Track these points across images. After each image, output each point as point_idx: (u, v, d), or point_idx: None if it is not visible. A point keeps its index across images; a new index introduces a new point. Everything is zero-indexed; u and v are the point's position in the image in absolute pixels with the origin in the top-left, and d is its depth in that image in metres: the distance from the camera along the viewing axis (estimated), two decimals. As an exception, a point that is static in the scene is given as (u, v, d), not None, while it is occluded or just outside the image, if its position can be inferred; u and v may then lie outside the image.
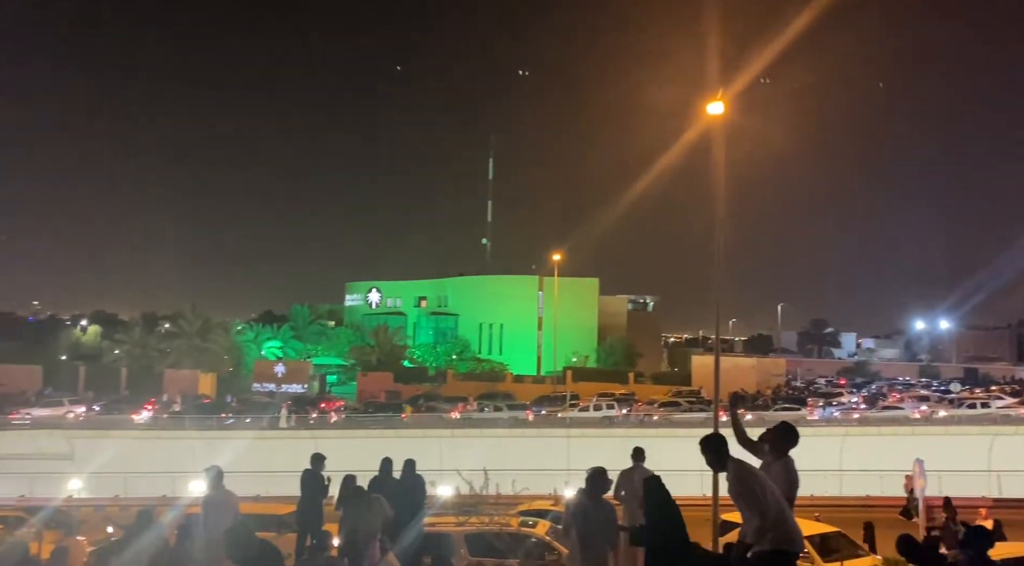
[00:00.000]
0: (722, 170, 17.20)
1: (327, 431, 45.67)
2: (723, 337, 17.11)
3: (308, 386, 65.47)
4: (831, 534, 14.28)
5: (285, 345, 75.96)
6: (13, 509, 22.81)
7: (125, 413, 51.50)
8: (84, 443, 44.93)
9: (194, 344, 68.78)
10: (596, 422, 47.15)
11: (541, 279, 77.67)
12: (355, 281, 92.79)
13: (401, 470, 11.66)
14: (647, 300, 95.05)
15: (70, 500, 27.99)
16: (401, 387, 63.38)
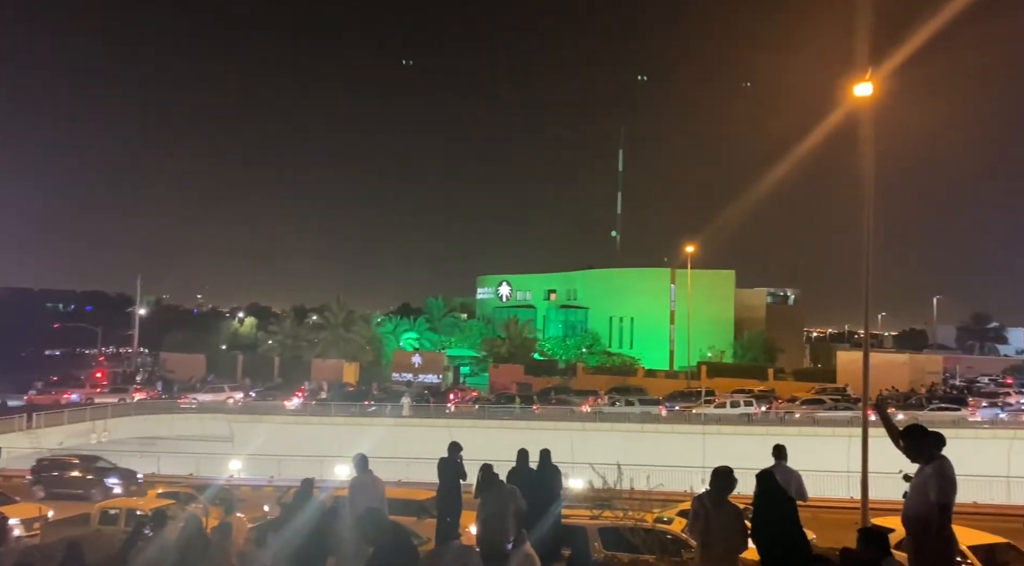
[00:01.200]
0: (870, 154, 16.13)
1: (462, 420, 46.96)
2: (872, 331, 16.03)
3: (443, 376, 67.48)
4: (999, 545, 13.11)
5: (421, 336, 78.68)
6: (183, 486, 24.97)
7: (278, 399, 55.13)
8: (242, 427, 48.57)
9: (339, 335, 72.45)
10: (733, 419, 45.74)
11: (673, 272, 75.96)
12: (486, 275, 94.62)
13: (538, 461, 11.76)
14: (788, 293, 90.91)
15: (231, 480, 30.29)
16: (531, 379, 64.03)
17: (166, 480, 29.46)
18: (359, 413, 49.51)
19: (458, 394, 57.11)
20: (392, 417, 48.28)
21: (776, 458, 10.83)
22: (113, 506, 19.52)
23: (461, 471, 11.64)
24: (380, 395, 55.45)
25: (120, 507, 19.34)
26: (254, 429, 47.53)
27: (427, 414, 48.72)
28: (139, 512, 18.36)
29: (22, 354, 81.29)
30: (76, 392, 57.53)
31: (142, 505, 19.43)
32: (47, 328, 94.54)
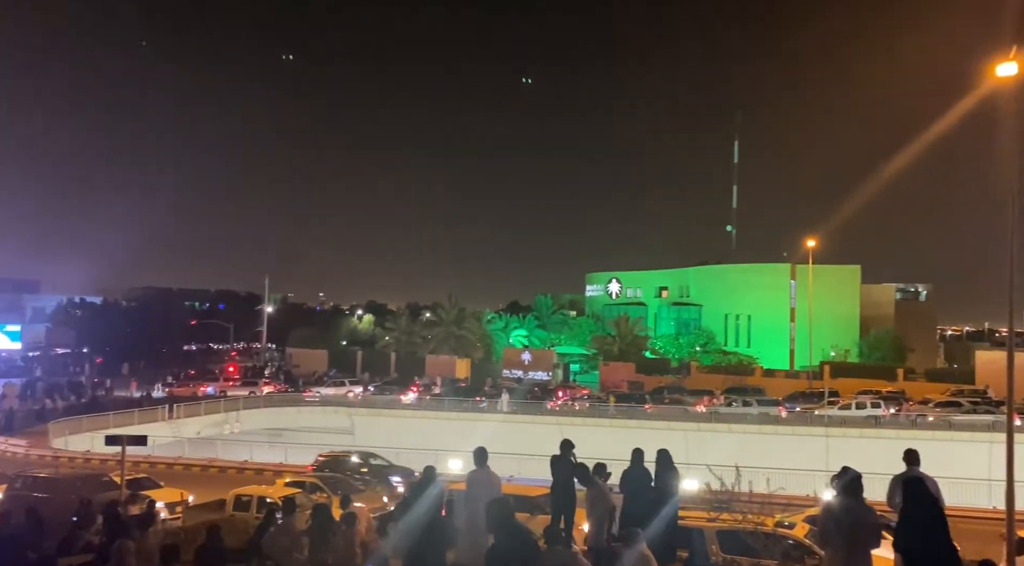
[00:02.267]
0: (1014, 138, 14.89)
1: (572, 418, 46.94)
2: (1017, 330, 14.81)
3: (552, 374, 67.66)
4: None
5: (530, 334, 79.19)
6: (310, 476, 26.19)
7: (394, 394, 56.96)
8: (362, 420, 50.53)
9: (450, 332, 74.03)
10: (859, 421, 43.47)
11: (794, 267, 72.94)
12: (595, 271, 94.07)
13: (655, 461, 11.60)
14: (919, 288, 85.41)
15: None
16: (643, 378, 63.16)
17: (292, 470, 31.01)
18: (471, 409, 50.42)
19: (567, 392, 57.09)
20: (503, 413, 48.89)
21: (908, 463, 10.19)
22: (245, 493, 20.71)
23: (575, 469, 11.62)
24: (492, 391, 56.27)
25: (252, 494, 20.50)
26: (373, 422, 49.37)
27: (538, 411, 48.98)
28: (269, 499, 19.42)
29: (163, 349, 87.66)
30: (211, 385, 61.64)
31: (271, 493, 20.52)
32: (185, 325, 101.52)
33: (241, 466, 33.87)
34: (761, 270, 76.94)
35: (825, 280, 67.29)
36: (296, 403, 54.89)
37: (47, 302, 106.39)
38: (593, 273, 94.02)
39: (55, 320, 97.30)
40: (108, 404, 48.89)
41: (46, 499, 19.68)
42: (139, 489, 22.46)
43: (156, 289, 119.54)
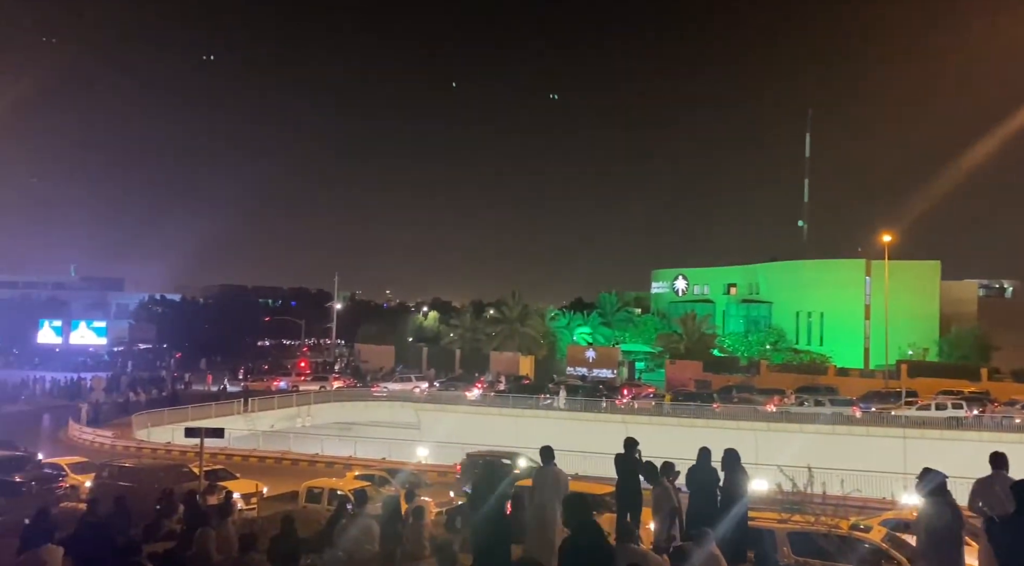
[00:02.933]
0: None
1: (638, 416, 46.51)
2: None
3: (617, 372, 67.13)
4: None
5: (594, 331, 78.70)
6: (378, 469, 26.71)
7: (459, 390, 57.50)
8: (428, 415, 51.16)
9: (514, 329, 74.23)
10: (939, 423, 41.71)
11: (868, 263, 70.43)
12: (661, 268, 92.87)
13: (721, 460, 11.40)
14: (1005, 284, 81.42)
15: (419, 465, 31.99)
16: (711, 376, 62.06)
17: (361, 463, 31.68)
18: (535, 405, 50.46)
19: (632, 390, 56.58)
20: (562, 410, 48.84)
21: (994, 467, 9.73)
22: (317, 486, 21.31)
23: (640, 467, 11.52)
24: (555, 389, 56.22)
25: (323, 487, 21.07)
26: (438, 417, 49.93)
27: (603, 409, 48.71)
28: (339, 492, 19.91)
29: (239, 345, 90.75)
30: (283, 380, 63.45)
31: (342, 485, 21.03)
32: (259, 321, 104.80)
33: (312, 459, 34.79)
34: (835, 266, 74.56)
35: (902, 276, 64.81)
36: (364, 398, 55.95)
37: (130, 300, 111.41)
38: (659, 270, 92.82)
39: (137, 317, 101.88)
40: (187, 398, 50.87)
41: (131, 488, 20.59)
42: (216, 480, 23.34)
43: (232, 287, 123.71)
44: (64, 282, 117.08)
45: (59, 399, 52.43)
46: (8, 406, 48.70)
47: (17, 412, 47.25)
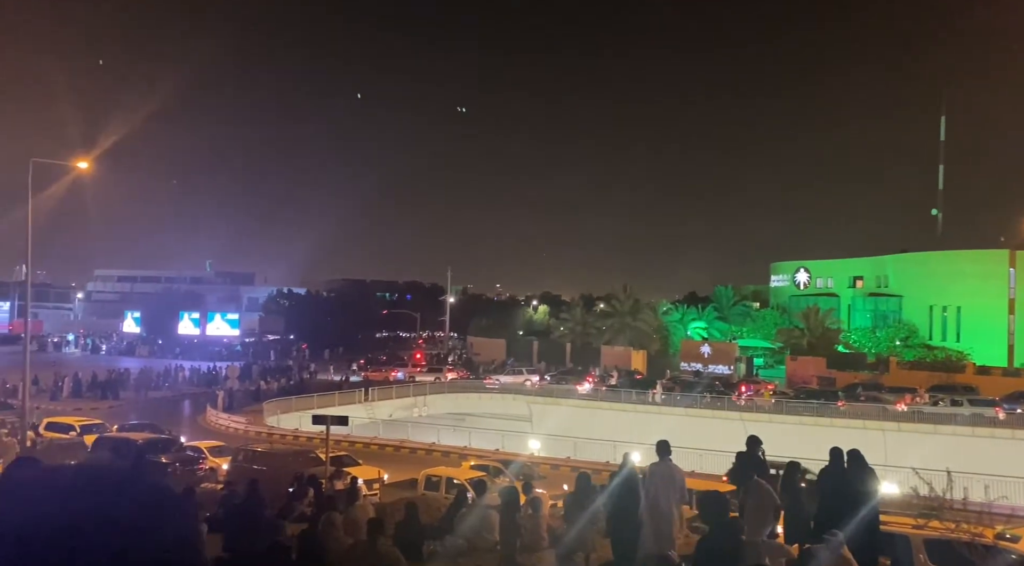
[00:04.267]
0: None
1: (756, 414, 45.09)
2: None
3: (734, 367, 65.23)
4: None
5: (709, 326, 76.76)
6: (492, 459, 27.18)
7: (570, 384, 57.58)
8: (539, 408, 51.52)
9: (625, 323, 73.47)
10: (1096, 427, 38.20)
11: (1012, 254, 65.13)
12: (781, 261, 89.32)
13: (847, 461, 10.91)
14: None
15: (532, 457, 32.29)
16: (835, 373, 59.23)
17: (476, 453, 32.31)
18: (648, 400, 49.85)
19: (750, 386, 54.86)
20: (682, 406, 47.95)
21: None
22: (435, 474, 21.93)
23: (763, 467, 11.19)
24: (669, 383, 55.31)
25: (441, 475, 21.66)
26: (550, 411, 50.20)
27: (719, 405, 47.55)
28: (456, 481, 20.41)
29: (358, 336, 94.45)
30: (400, 371, 65.60)
31: (458, 474, 21.55)
32: (377, 314, 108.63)
33: (429, 448, 35.78)
34: (974, 257, 69.29)
35: (1052, 267, 59.61)
36: (477, 389, 57.01)
37: (260, 293, 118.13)
38: (778, 262, 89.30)
39: (266, 309, 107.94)
40: (312, 387, 53.49)
41: (263, 471, 21.89)
42: (341, 466, 24.40)
43: (351, 281, 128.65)
44: (201, 277, 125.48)
45: (197, 387, 56.30)
46: (153, 393, 52.79)
47: (161, 398, 51.12)
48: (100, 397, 49.09)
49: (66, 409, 40.64)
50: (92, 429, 30.43)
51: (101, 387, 50.86)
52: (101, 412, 40.81)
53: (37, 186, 27.76)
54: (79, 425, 31.28)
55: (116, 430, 30.51)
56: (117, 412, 42.22)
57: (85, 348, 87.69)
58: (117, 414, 40.68)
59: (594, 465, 27.80)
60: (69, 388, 49.73)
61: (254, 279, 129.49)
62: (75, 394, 49.35)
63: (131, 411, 42.56)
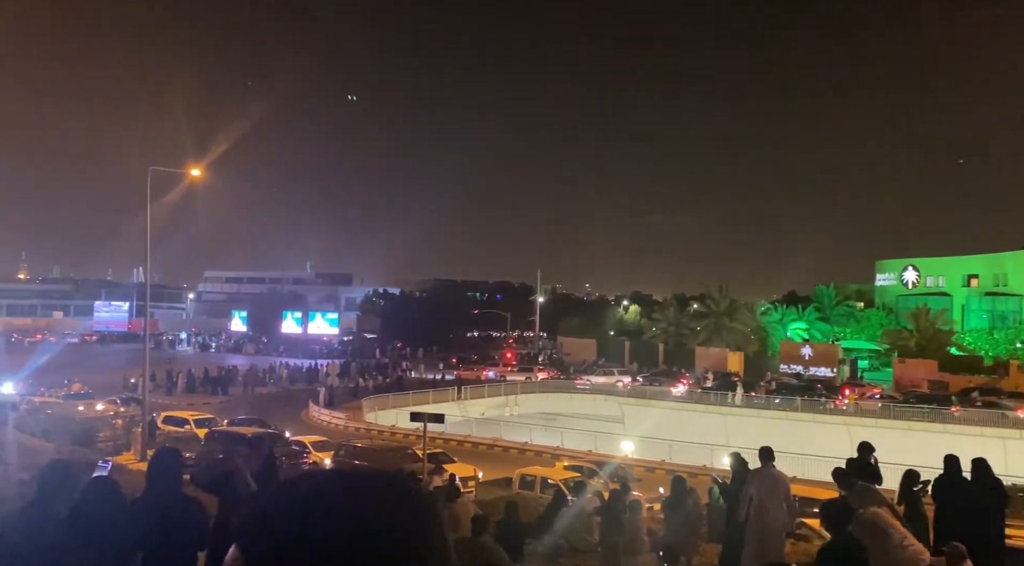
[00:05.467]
0: None
1: (861, 418, 43.14)
2: None
3: (836, 370, 62.60)
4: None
5: (810, 327, 73.92)
6: (586, 460, 27.11)
7: (663, 385, 56.66)
8: (631, 409, 50.91)
9: (721, 323, 71.66)
10: None
11: None
12: (886, 259, 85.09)
13: (970, 470, 10.31)
14: None
15: (625, 459, 31.97)
16: (948, 377, 55.91)
17: (569, 454, 32.28)
18: (744, 404, 48.54)
19: (854, 390, 52.56)
20: (781, 410, 46.44)
21: None
22: (530, 473, 22.04)
23: (876, 475, 10.71)
24: (766, 386, 53.65)
25: (535, 475, 21.75)
26: (642, 412, 49.51)
27: (821, 409, 45.80)
28: (550, 481, 20.45)
29: (451, 336, 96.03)
30: (491, 370, 66.26)
31: (553, 474, 21.59)
32: (468, 314, 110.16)
33: (522, 447, 36.00)
34: (1104, 253, 64.15)
35: None
36: (568, 390, 56.90)
37: (357, 293, 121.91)
38: (884, 260, 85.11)
39: (363, 309, 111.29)
40: (407, 384, 54.76)
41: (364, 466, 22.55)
42: (437, 463, 24.89)
43: (443, 281, 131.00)
44: (303, 278, 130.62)
45: (300, 383, 58.60)
46: (259, 389, 55.29)
47: (267, 394, 53.48)
48: (211, 393, 51.83)
49: (180, 404, 43.08)
50: (204, 423, 32.14)
51: (212, 383, 53.69)
52: (212, 407, 43.09)
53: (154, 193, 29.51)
54: (192, 419, 33.12)
55: (226, 424, 32.11)
56: (227, 407, 44.46)
57: (196, 346, 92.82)
58: (227, 409, 42.83)
59: (690, 468, 27.32)
60: (183, 384, 52.71)
61: (351, 280, 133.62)
62: (188, 389, 52.25)
63: (240, 406, 44.70)
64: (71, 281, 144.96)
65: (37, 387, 42.60)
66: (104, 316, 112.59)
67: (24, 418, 29.12)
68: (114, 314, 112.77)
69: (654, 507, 19.10)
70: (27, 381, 43.74)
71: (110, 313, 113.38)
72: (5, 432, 23.71)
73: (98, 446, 27.24)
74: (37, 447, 22.36)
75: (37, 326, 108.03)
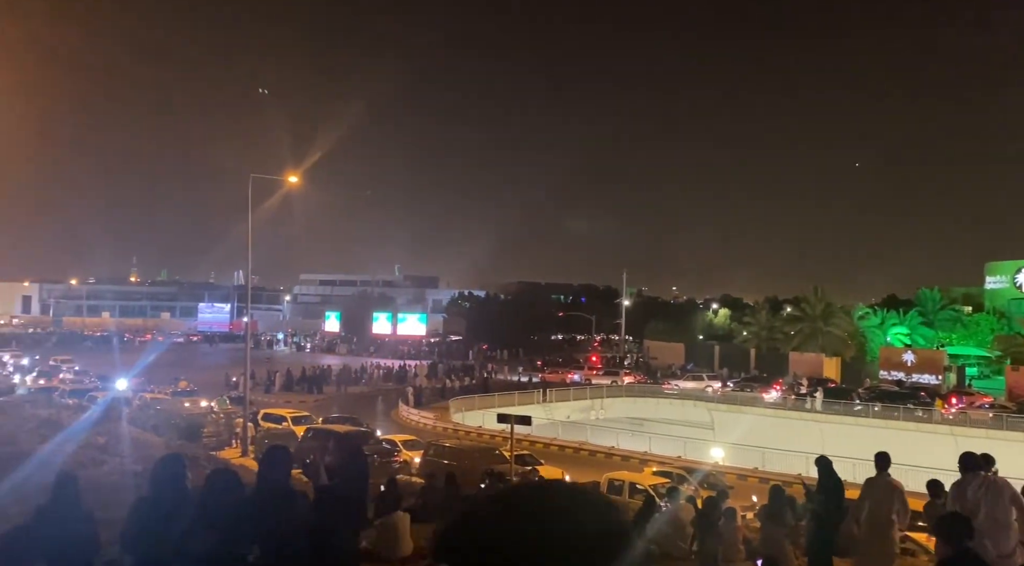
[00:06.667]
0: None
1: (971, 428, 40.76)
2: None
3: (942, 377, 59.33)
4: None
5: (912, 332, 70.28)
6: (675, 466, 26.62)
7: (755, 391, 55.07)
8: (722, 415, 49.71)
9: (816, 328, 69.12)
10: None
11: None
12: (997, 261, 79.98)
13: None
14: None
15: (716, 466, 31.21)
16: (1068, 386, 52.22)
17: (657, 459, 31.79)
18: (843, 411, 46.60)
19: (962, 398, 49.70)
20: (878, 418, 44.40)
21: None
22: (617, 478, 21.82)
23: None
24: (867, 393, 51.36)
25: (623, 479, 21.52)
26: (733, 419, 48.23)
27: (927, 419, 43.55)
28: (639, 486, 20.18)
29: (535, 338, 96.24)
30: (576, 373, 66.01)
31: (641, 480, 21.31)
32: (552, 316, 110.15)
33: (609, 451, 35.69)
34: None
35: None
36: (655, 394, 56.08)
37: (443, 295, 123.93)
38: (995, 262, 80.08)
39: (449, 311, 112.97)
40: (492, 386, 55.23)
41: (452, 466, 22.87)
42: (524, 465, 24.99)
43: (527, 283, 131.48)
44: (391, 280, 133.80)
45: (389, 383, 60.00)
46: (352, 388, 56.94)
47: (359, 393, 55.02)
48: (307, 391, 53.71)
49: (278, 401, 44.81)
50: (300, 420, 33.30)
51: (307, 382, 55.64)
52: (308, 405, 44.65)
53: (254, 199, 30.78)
54: (289, 416, 34.36)
55: (321, 422, 33.20)
56: (321, 405, 45.99)
57: (292, 346, 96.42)
58: (321, 407, 44.30)
59: (784, 477, 26.43)
60: (281, 382, 54.83)
61: (438, 282, 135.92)
62: (286, 388, 54.31)
63: (333, 404, 46.15)
64: (177, 283, 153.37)
65: (147, 384, 45.16)
66: (207, 317, 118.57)
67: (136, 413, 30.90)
68: (216, 315, 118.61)
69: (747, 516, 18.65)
70: (138, 378, 46.46)
71: (213, 314, 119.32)
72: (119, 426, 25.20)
73: (203, 441, 28.61)
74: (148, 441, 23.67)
75: (146, 326, 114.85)
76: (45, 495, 5.84)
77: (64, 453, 19.35)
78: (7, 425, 20.63)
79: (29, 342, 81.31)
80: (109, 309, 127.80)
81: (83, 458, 18.59)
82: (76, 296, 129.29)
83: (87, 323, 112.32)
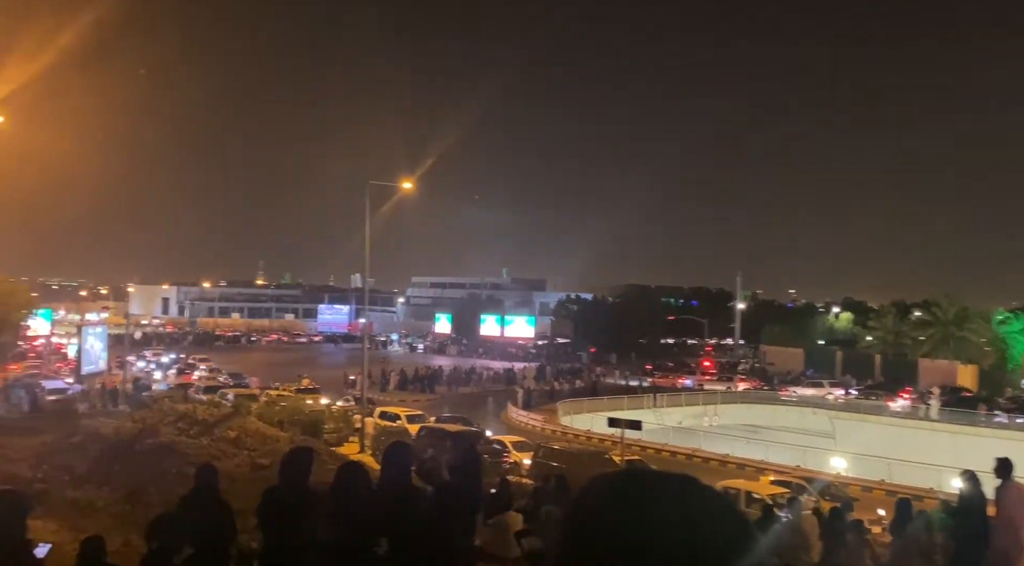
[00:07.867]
0: None
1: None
2: None
3: (1097, 387, 54.19)
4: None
5: (1061, 337, 64.52)
6: (793, 476, 25.57)
7: (880, 399, 52.13)
8: (844, 424, 47.32)
9: (948, 333, 64.70)
10: None
11: None
12: None
13: None
14: None
15: (838, 476, 29.75)
16: None
17: (774, 468, 30.63)
18: (977, 422, 43.36)
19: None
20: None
21: None
22: (733, 486, 21.19)
23: None
24: (1008, 404, 47.58)
25: (739, 488, 20.88)
26: (856, 428, 45.83)
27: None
28: (756, 495, 19.51)
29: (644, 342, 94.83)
30: (688, 378, 64.55)
31: (757, 489, 20.61)
32: (663, 320, 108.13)
33: (723, 459, 34.68)
34: None
35: None
36: (772, 401, 54.14)
37: (550, 298, 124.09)
38: None
39: (556, 314, 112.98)
40: (601, 389, 54.85)
41: (561, 469, 22.87)
42: (635, 469, 24.66)
43: (636, 286, 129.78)
44: (499, 283, 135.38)
45: (498, 384, 60.70)
46: (462, 388, 58.02)
47: (469, 394, 56.00)
48: (419, 390, 55.18)
49: (392, 400, 46.22)
50: (414, 419, 34.22)
51: (420, 381, 57.15)
52: (421, 404, 45.84)
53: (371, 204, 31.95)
54: (404, 415, 35.38)
55: (434, 421, 34.00)
56: (434, 404, 47.12)
57: (405, 346, 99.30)
58: (434, 406, 45.38)
59: (914, 491, 24.89)
60: (395, 382, 56.56)
61: (545, 285, 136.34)
62: (400, 387, 55.98)
63: (445, 404, 47.19)
64: (299, 286, 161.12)
65: (272, 381, 47.67)
66: (327, 318, 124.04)
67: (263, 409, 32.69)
68: (336, 316, 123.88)
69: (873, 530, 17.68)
70: (264, 376, 49.11)
71: (332, 315, 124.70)
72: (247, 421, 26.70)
73: (323, 437, 29.90)
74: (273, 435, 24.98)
75: (272, 327, 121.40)
76: (183, 483, 6.28)
77: (199, 446, 20.73)
78: (150, 419, 22.28)
79: (168, 341, 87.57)
80: (238, 310, 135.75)
81: (215, 451, 19.86)
82: (209, 298, 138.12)
83: (219, 323, 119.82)
